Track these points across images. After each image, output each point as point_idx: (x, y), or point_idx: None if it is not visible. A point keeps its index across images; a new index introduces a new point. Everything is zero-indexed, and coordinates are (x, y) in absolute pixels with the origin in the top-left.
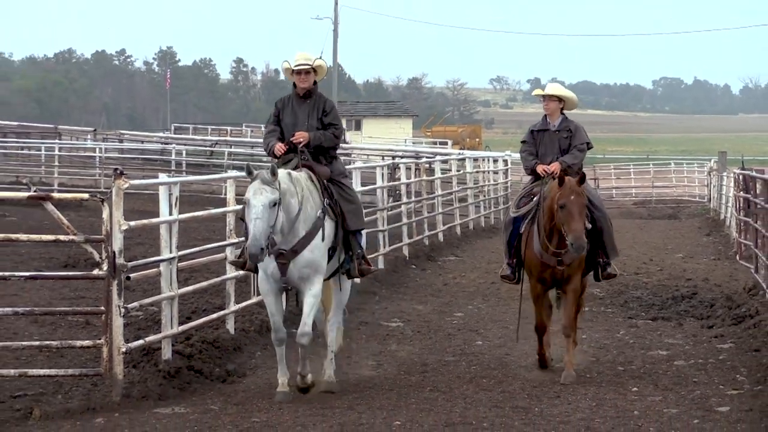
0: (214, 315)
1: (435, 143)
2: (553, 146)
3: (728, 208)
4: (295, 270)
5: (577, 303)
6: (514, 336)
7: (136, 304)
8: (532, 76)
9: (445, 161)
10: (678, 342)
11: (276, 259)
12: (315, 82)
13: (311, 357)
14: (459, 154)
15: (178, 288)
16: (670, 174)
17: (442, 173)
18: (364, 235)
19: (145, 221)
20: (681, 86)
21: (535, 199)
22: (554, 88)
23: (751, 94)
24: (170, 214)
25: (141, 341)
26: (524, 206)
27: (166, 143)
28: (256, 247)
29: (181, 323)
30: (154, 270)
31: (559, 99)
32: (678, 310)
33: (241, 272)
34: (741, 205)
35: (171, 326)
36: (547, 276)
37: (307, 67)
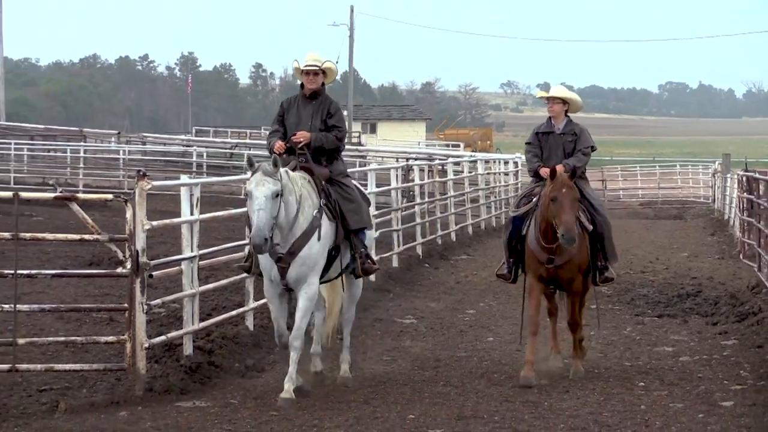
0: (234, 312)
1: (447, 146)
2: (557, 149)
3: (732, 208)
4: (293, 269)
5: (575, 322)
6: (524, 333)
7: (158, 301)
8: (542, 81)
9: (457, 163)
10: (683, 339)
11: (276, 263)
12: (323, 84)
13: (304, 369)
14: (471, 156)
15: (199, 286)
16: (675, 176)
17: (454, 175)
18: (368, 234)
19: (167, 221)
20: (686, 90)
21: (534, 199)
22: (559, 91)
23: (755, 98)
24: (191, 214)
25: (163, 337)
26: (524, 206)
27: (187, 146)
28: (260, 237)
29: (201, 320)
30: (176, 268)
31: (564, 101)
32: (683, 307)
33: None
34: (744, 205)
35: (192, 323)
36: (543, 273)
37: (316, 68)
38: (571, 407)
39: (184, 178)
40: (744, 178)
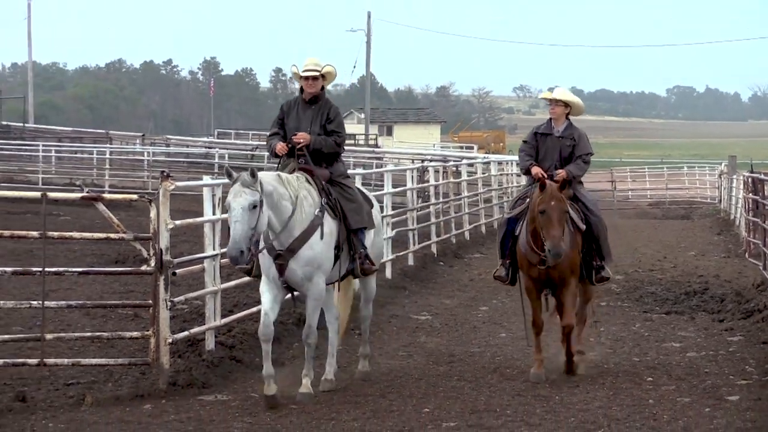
0: (255, 308)
1: (461, 148)
2: (554, 151)
3: (738, 208)
4: (298, 269)
5: (583, 312)
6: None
7: (181, 297)
8: (553, 85)
9: (471, 164)
10: (690, 335)
11: (274, 260)
12: (323, 87)
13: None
14: (484, 157)
15: (221, 283)
16: (683, 177)
17: (468, 176)
18: (368, 234)
19: (190, 220)
20: (693, 94)
21: (528, 200)
22: (562, 93)
23: (760, 101)
24: (213, 214)
25: (186, 333)
26: (518, 207)
27: (209, 147)
28: (236, 250)
29: (223, 316)
30: (199, 266)
31: (566, 104)
32: (690, 304)
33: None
34: (750, 206)
35: (214, 319)
36: (535, 274)
37: (316, 73)
38: (581, 401)
39: (207, 179)
40: (750, 179)
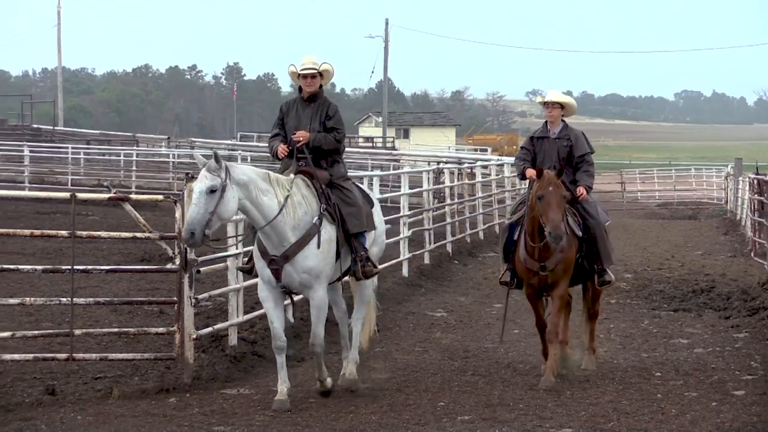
0: None
1: (476, 150)
2: (552, 153)
3: (744, 209)
4: (295, 275)
5: (595, 312)
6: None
7: (205, 295)
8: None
9: (485, 166)
10: (697, 331)
11: (268, 265)
12: (321, 86)
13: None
14: (498, 160)
15: (244, 280)
16: (690, 178)
17: (482, 177)
18: (368, 236)
19: None
20: (701, 98)
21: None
22: (556, 95)
23: (765, 105)
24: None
25: (210, 329)
26: (518, 213)
27: (232, 150)
28: (187, 231)
29: (246, 312)
30: (222, 264)
31: (561, 106)
32: (697, 302)
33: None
34: (755, 206)
35: (237, 315)
36: (535, 282)
37: (313, 71)
38: (591, 396)
39: None
40: (755, 181)
